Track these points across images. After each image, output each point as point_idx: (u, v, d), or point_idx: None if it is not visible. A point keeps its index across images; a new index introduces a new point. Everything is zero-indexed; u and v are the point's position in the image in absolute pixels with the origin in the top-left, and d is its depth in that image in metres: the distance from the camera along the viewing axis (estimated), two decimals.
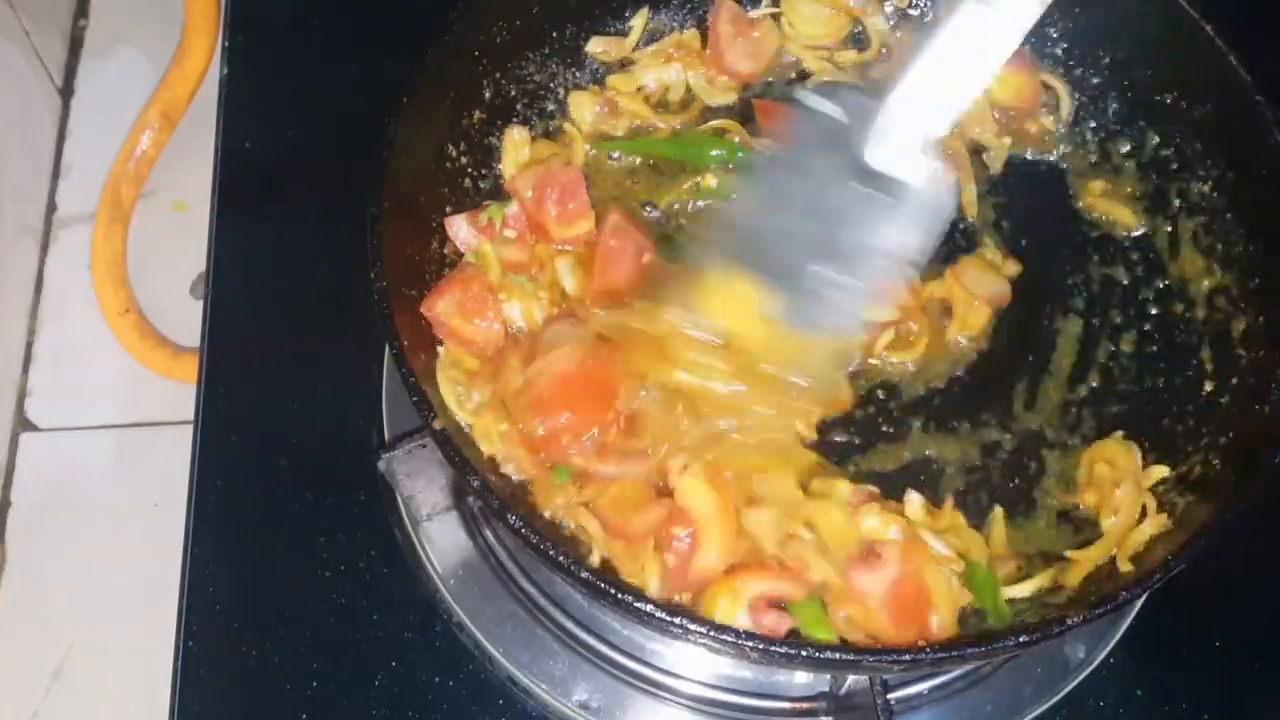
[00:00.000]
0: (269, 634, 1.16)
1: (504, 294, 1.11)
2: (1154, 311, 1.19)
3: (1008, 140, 1.24)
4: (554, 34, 1.24)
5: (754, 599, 0.96)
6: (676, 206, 1.20)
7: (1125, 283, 1.20)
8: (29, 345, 1.72)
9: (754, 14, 1.28)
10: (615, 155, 1.23)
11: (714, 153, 1.22)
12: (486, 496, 0.97)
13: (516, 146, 1.20)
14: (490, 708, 1.14)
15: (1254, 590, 1.21)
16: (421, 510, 1.16)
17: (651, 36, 1.29)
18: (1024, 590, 1.03)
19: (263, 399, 1.28)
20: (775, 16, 1.29)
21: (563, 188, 1.13)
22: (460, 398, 1.05)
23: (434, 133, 1.15)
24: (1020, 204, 1.24)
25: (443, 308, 1.08)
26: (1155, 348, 1.17)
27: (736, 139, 1.22)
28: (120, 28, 1.91)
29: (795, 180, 1.04)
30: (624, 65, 1.28)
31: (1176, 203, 1.20)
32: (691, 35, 1.28)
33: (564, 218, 1.13)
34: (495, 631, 1.14)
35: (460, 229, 1.14)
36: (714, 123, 1.24)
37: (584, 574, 0.91)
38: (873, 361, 1.14)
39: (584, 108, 1.24)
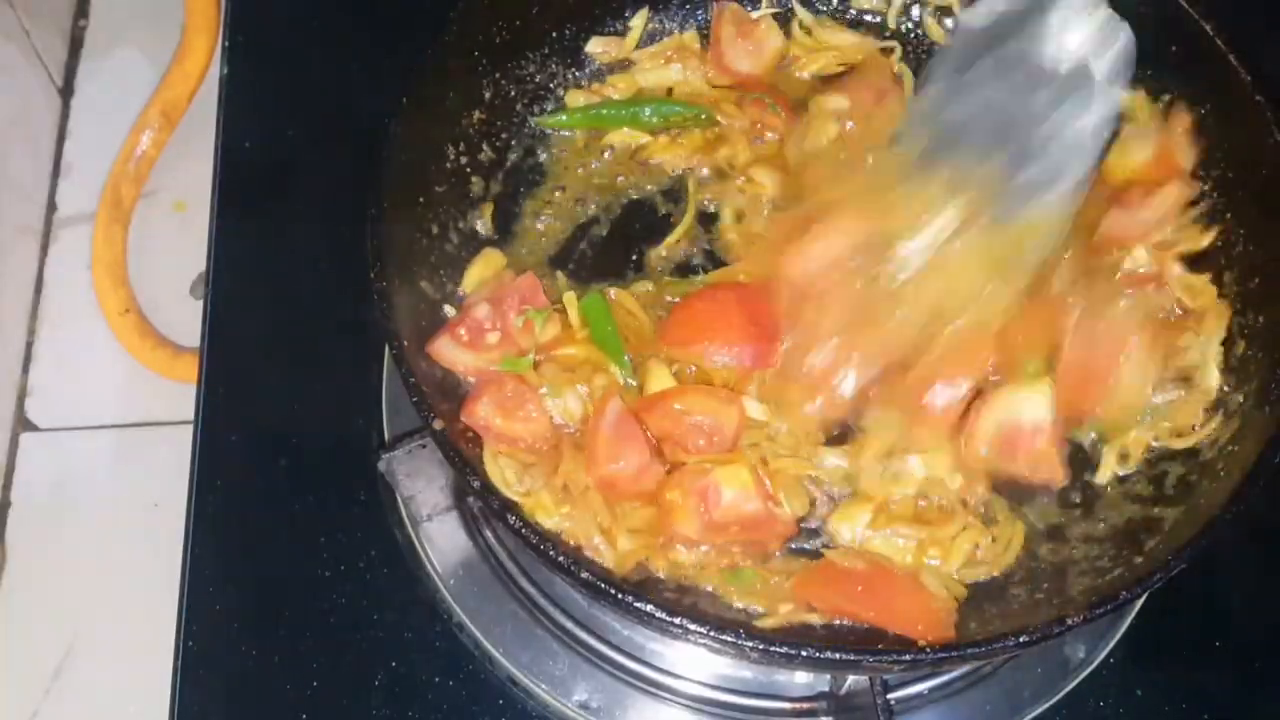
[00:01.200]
0: (269, 634, 1.16)
1: (544, 387, 1.06)
2: None
3: None
4: (554, 34, 1.24)
5: None
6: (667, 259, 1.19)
7: None
8: (29, 345, 1.71)
9: (756, 14, 1.28)
10: (606, 154, 1.24)
11: (676, 109, 1.23)
12: (487, 497, 0.97)
13: (485, 265, 1.16)
14: (490, 708, 1.14)
15: (1254, 590, 1.21)
16: (421, 510, 1.16)
17: (651, 37, 1.29)
18: None
19: (263, 399, 1.28)
20: (777, 16, 1.29)
21: (520, 296, 1.09)
22: (509, 480, 1.02)
23: (434, 133, 1.15)
24: None
25: (482, 412, 1.03)
26: None
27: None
28: (120, 28, 1.91)
29: (971, 98, 1.06)
30: (624, 65, 1.28)
31: None
32: (691, 37, 1.28)
33: (528, 326, 1.08)
34: (495, 631, 1.14)
35: (446, 350, 1.07)
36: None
37: (584, 574, 0.91)
38: None
39: None
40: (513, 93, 1.22)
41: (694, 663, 1.12)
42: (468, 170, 1.19)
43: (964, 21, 1.11)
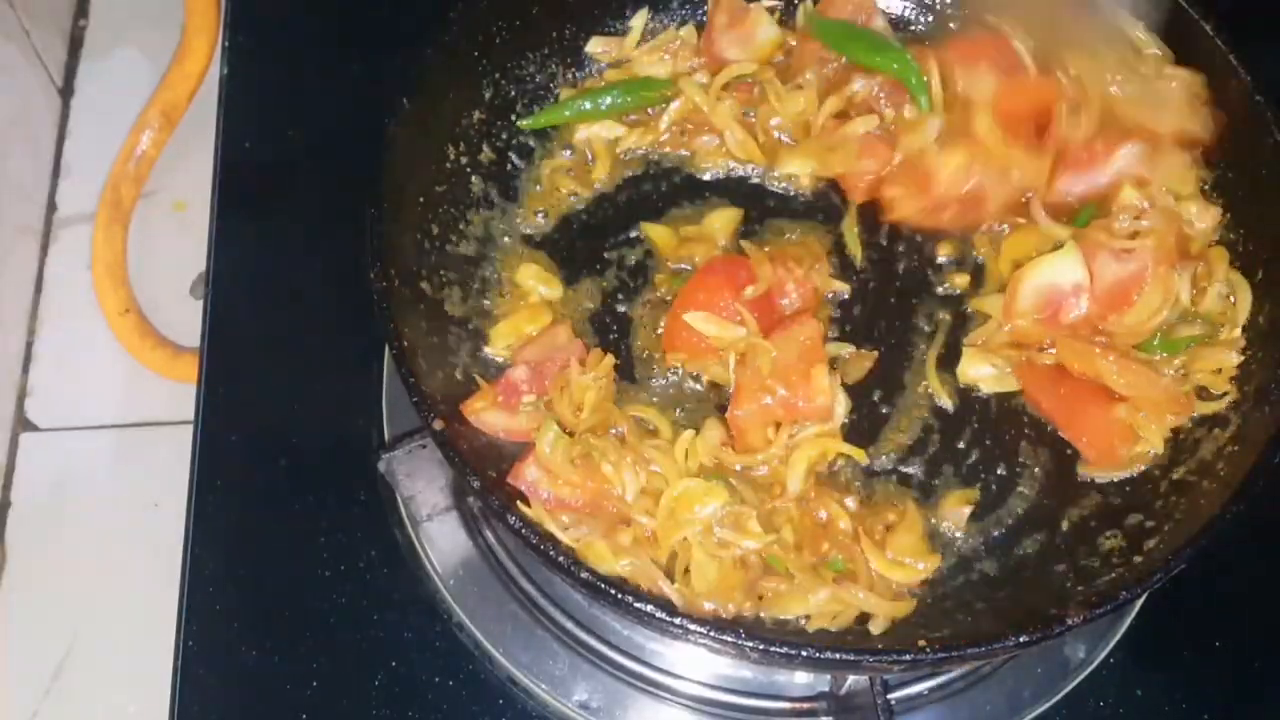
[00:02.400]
0: (269, 634, 1.16)
1: (598, 455, 1.01)
2: None
3: None
4: (554, 34, 1.24)
5: None
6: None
7: None
8: (29, 345, 1.71)
9: (752, 4, 1.28)
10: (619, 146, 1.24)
11: (635, 86, 1.23)
12: (486, 497, 0.97)
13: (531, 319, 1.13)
14: (490, 708, 1.14)
15: (1254, 591, 1.22)
16: (421, 510, 1.16)
17: (651, 38, 1.29)
18: None
19: (263, 399, 1.28)
20: (771, 10, 1.28)
21: (563, 361, 1.07)
22: (560, 525, 0.98)
23: (434, 133, 1.15)
24: None
25: (531, 475, 1.00)
26: None
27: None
28: (120, 28, 1.91)
29: None
30: (623, 65, 1.27)
31: None
32: (689, 32, 1.28)
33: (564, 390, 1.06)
34: (495, 631, 1.14)
35: (481, 412, 1.04)
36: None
37: (584, 574, 0.91)
38: None
39: None
40: (513, 93, 1.22)
41: (694, 663, 1.12)
42: (468, 170, 1.19)
43: None
